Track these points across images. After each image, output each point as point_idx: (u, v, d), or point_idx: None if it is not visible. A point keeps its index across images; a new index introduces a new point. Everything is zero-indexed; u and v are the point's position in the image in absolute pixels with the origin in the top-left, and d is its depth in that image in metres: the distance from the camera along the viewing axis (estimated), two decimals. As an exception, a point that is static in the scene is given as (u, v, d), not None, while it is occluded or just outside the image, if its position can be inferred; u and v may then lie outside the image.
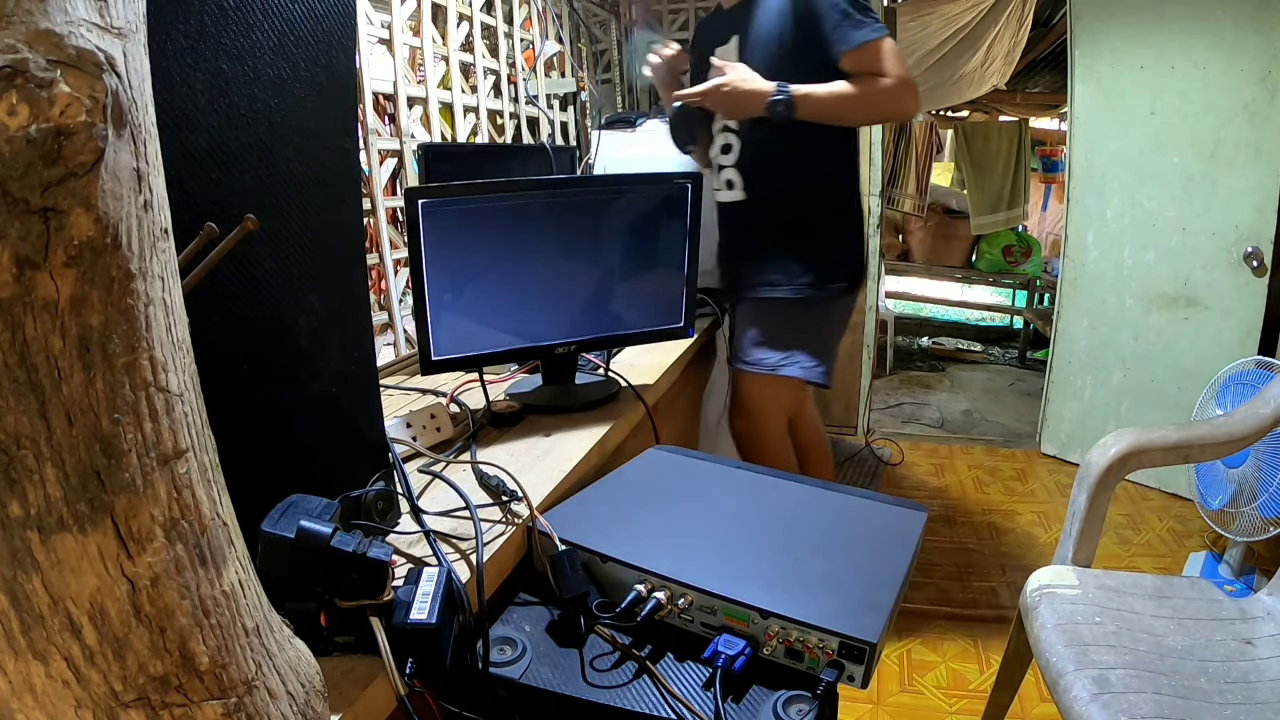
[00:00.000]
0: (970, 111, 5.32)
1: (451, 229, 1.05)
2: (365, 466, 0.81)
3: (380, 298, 1.61)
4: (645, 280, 1.27)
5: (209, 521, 0.43)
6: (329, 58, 0.70)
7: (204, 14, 0.58)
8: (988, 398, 3.55)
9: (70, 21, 0.34)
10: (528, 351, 1.21)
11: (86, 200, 0.35)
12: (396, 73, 1.62)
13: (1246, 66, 2.22)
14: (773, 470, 1.02)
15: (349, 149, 0.75)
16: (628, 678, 0.69)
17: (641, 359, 1.47)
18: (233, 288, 0.62)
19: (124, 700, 0.40)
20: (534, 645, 0.73)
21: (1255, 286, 2.29)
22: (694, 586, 0.72)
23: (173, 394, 0.40)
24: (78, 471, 0.36)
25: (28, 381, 0.35)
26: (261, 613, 0.47)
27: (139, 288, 0.38)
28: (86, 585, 0.38)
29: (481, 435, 1.11)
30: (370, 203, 1.53)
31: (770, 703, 0.65)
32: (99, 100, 0.34)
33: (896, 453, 3.02)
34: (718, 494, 0.96)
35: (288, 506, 0.61)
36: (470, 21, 1.94)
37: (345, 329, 0.75)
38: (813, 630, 0.66)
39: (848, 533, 0.85)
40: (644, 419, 1.25)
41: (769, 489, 0.95)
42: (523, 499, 0.85)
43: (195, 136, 0.58)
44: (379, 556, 0.60)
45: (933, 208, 4.52)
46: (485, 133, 2.01)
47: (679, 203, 1.24)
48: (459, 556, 0.77)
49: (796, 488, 0.97)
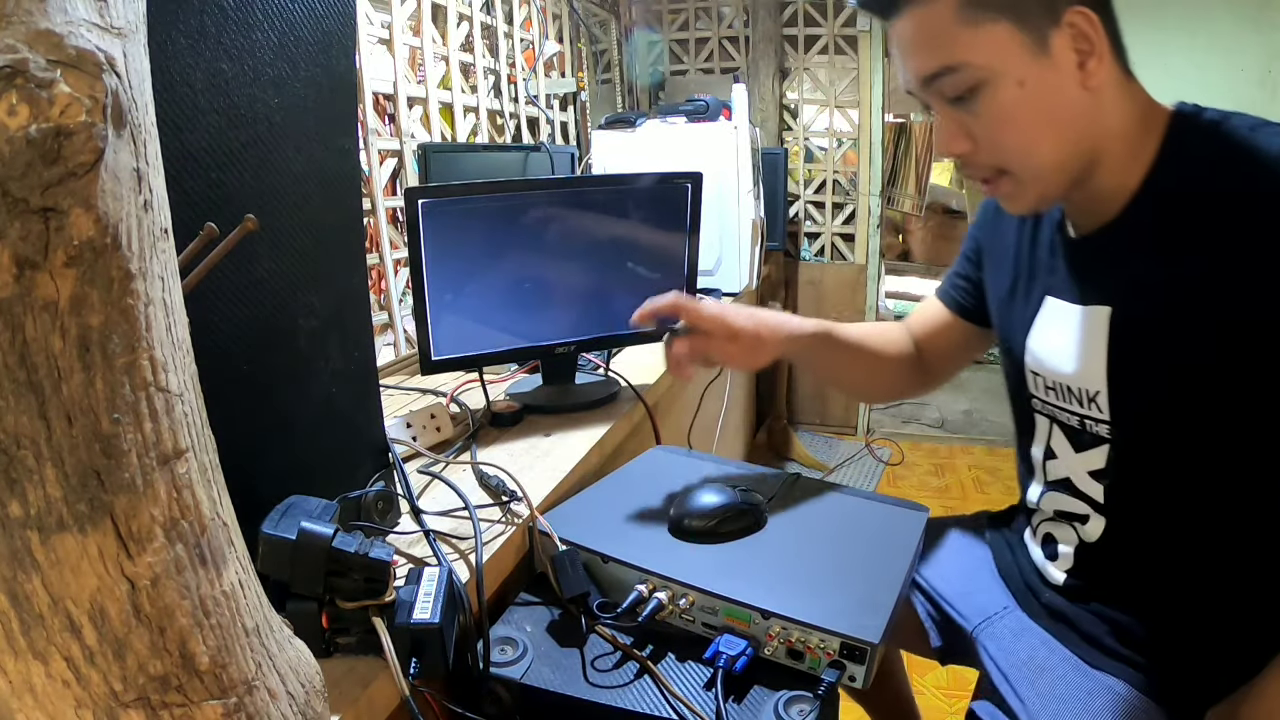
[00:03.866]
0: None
1: (451, 229, 1.05)
2: (365, 467, 0.81)
3: (380, 298, 1.61)
4: (645, 280, 1.27)
5: (209, 521, 0.43)
6: (329, 58, 0.70)
7: (204, 14, 0.58)
8: (988, 398, 3.55)
9: (70, 21, 0.34)
10: (528, 351, 1.21)
11: (86, 200, 0.35)
12: (396, 73, 1.62)
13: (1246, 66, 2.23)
14: (772, 470, 1.02)
15: (349, 149, 0.75)
16: (629, 678, 0.69)
17: (641, 359, 1.47)
18: (233, 288, 0.62)
19: (124, 700, 0.40)
20: (535, 645, 0.73)
21: (1255, 286, 2.30)
22: (695, 587, 0.72)
23: (173, 394, 0.40)
24: (78, 471, 0.36)
25: (28, 381, 0.35)
26: (261, 613, 0.47)
27: (139, 288, 0.38)
28: (86, 585, 0.38)
29: (481, 435, 1.11)
30: (370, 203, 1.53)
31: (771, 703, 0.65)
32: (99, 100, 0.34)
33: (896, 453, 3.02)
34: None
35: (288, 508, 0.61)
36: (470, 21, 1.94)
37: (345, 329, 0.75)
38: (814, 630, 0.66)
39: (848, 533, 0.85)
40: (644, 419, 1.25)
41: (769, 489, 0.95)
42: (523, 499, 0.85)
43: (195, 136, 0.58)
44: (381, 557, 0.60)
45: (932, 208, 4.52)
46: (485, 133, 2.01)
47: (679, 203, 1.24)
48: (459, 557, 0.77)
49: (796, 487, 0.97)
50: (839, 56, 3.06)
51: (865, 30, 2.97)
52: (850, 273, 3.20)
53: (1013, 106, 0.67)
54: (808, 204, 3.23)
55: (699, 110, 2.21)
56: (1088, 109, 0.68)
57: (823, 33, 3.05)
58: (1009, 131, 0.69)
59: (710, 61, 3.18)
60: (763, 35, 3.02)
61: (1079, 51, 0.66)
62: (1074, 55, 0.66)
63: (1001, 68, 0.66)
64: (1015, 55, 0.66)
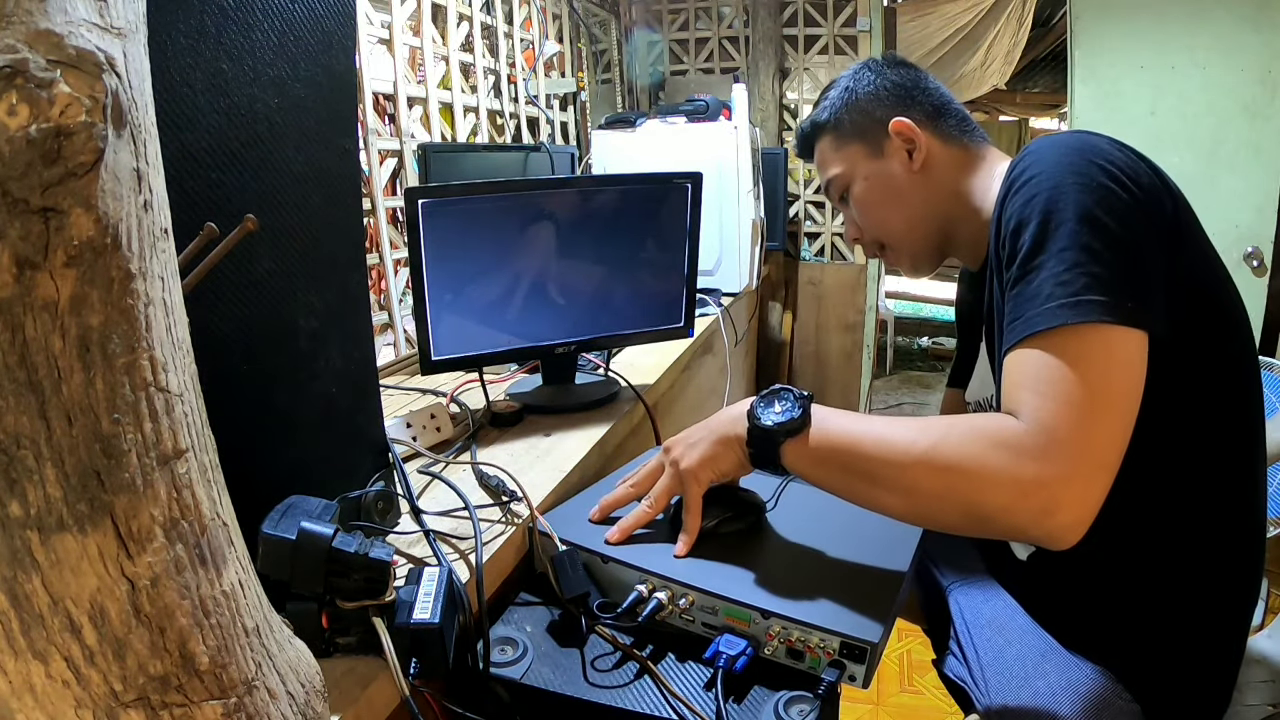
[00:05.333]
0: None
1: (452, 229, 1.05)
2: (365, 467, 0.81)
3: (380, 298, 1.61)
4: (645, 280, 1.27)
5: (209, 521, 0.43)
6: (329, 58, 0.70)
7: (204, 14, 0.58)
8: (988, 398, 3.54)
9: (70, 21, 0.34)
10: (528, 351, 1.21)
11: (86, 200, 0.35)
12: (396, 73, 1.62)
13: (1246, 66, 2.23)
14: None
15: (349, 149, 0.75)
16: (629, 678, 0.69)
17: (641, 359, 1.47)
18: (233, 288, 0.62)
19: (124, 700, 0.40)
20: (535, 645, 0.73)
21: (1255, 286, 2.30)
22: (695, 586, 0.72)
23: (173, 394, 0.40)
24: (78, 471, 0.36)
25: (28, 381, 0.35)
26: (261, 613, 0.47)
27: (139, 288, 0.38)
28: (86, 585, 0.38)
29: (481, 435, 1.11)
30: (370, 203, 1.53)
31: (771, 703, 0.65)
32: (99, 100, 0.34)
33: (897, 453, 3.02)
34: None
35: (287, 508, 0.61)
36: (470, 21, 1.94)
37: (345, 329, 0.75)
38: (814, 630, 0.66)
39: (848, 532, 0.84)
40: (644, 419, 1.25)
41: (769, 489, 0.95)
42: (523, 499, 0.85)
43: (195, 136, 0.58)
44: (381, 557, 0.60)
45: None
46: (485, 133, 2.01)
47: (679, 203, 1.24)
48: (459, 557, 0.77)
49: (796, 487, 0.97)
50: (839, 56, 3.06)
51: (865, 30, 2.97)
52: (850, 273, 3.20)
53: (865, 195, 0.94)
54: (808, 204, 3.23)
55: (699, 110, 2.21)
56: (920, 185, 0.91)
57: (823, 33, 3.05)
58: (867, 213, 0.95)
59: (710, 61, 3.18)
60: (763, 35, 3.02)
61: (908, 150, 0.90)
62: (903, 152, 0.90)
63: (852, 172, 0.94)
64: (860, 162, 0.94)
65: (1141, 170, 0.69)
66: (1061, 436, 0.60)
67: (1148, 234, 0.66)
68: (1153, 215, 0.67)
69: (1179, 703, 0.77)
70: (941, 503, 0.65)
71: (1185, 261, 0.69)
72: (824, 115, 0.96)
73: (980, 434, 0.63)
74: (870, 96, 0.93)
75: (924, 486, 0.65)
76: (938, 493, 0.65)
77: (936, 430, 0.66)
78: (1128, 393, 0.63)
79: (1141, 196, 0.67)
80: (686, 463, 0.78)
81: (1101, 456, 0.61)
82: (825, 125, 0.96)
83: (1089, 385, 0.61)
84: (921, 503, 0.67)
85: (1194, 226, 0.72)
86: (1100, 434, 0.61)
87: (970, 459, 0.63)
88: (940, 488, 0.64)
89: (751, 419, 0.76)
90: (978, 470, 0.62)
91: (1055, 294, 0.63)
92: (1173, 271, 0.67)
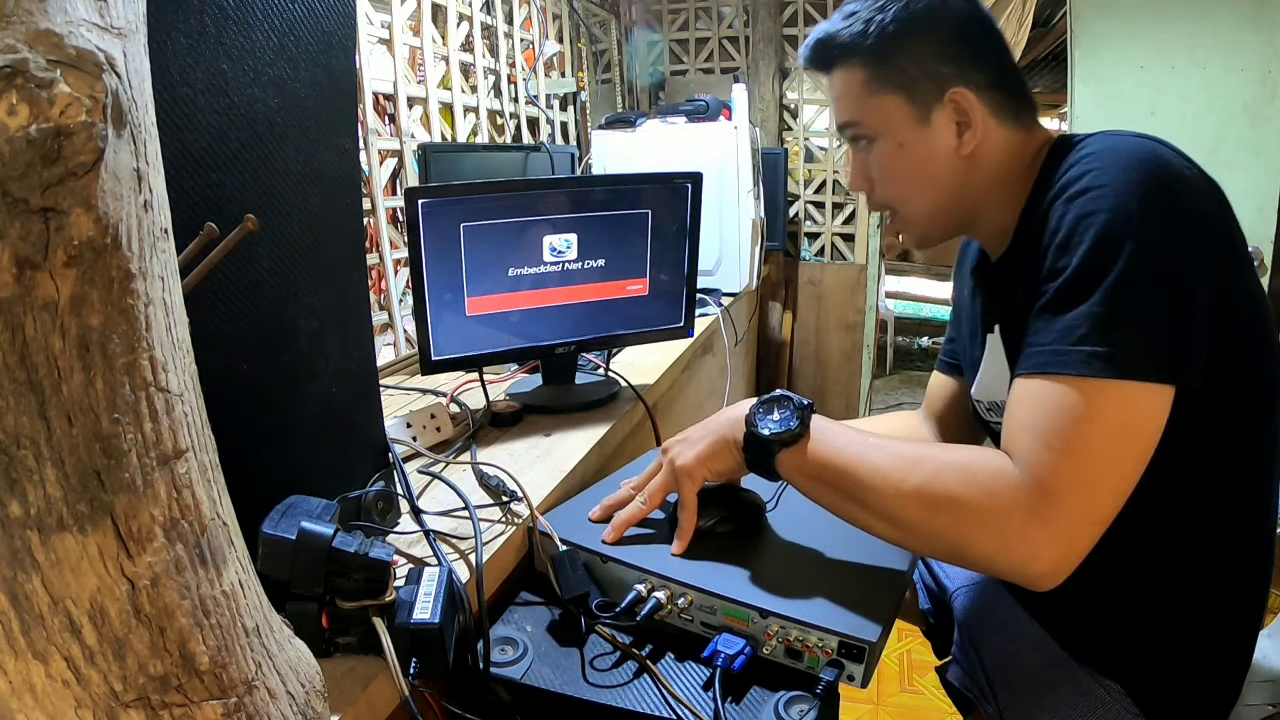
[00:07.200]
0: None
1: (452, 229, 1.05)
2: (365, 466, 0.81)
3: (380, 298, 1.61)
4: (645, 280, 1.27)
5: (209, 521, 0.43)
6: (329, 58, 0.70)
7: (204, 14, 0.58)
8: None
9: (70, 21, 0.34)
10: (528, 351, 1.21)
11: (86, 200, 0.35)
12: (396, 73, 1.62)
13: (1246, 66, 2.23)
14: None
15: (349, 149, 0.75)
16: (628, 677, 0.69)
17: (641, 359, 1.47)
18: (233, 288, 0.62)
19: (124, 700, 0.40)
20: (535, 645, 0.73)
21: (1255, 286, 2.30)
22: (694, 586, 0.72)
23: (173, 394, 0.40)
24: (78, 471, 0.36)
25: (28, 381, 0.35)
26: (261, 613, 0.47)
27: (139, 288, 0.38)
28: (86, 585, 0.38)
29: (481, 435, 1.11)
30: (370, 203, 1.53)
31: (771, 703, 0.65)
32: (99, 100, 0.34)
33: (896, 453, 3.02)
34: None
35: (287, 508, 0.61)
36: (470, 21, 1.94)
37: (345, 329, 0.75)
38: (812, 629, 0.66)
39: (847, 532, 0.84)
40: (644, 419, 1.25)
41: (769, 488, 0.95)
42: (523, 499, 0.85)
43: (195, 136, 0.58)
44: (381, 557, 0.60)
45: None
46: (485, 133, 2.01)
47: (679, 203, 1.24)
48: (459, 557, 0.77)
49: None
50: (839, 56, 3.05)
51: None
52: (850, 273, 3.20)
53: (893, 162, 0.79)
54: (808, 204, 3.23)
55: (699, 110, 2.21)
56: (961, 171, 0.77)
57: (823, 33, 3.05)
58: (890, 182, 0.80)
59: (710, 61, 3.18)
60: (763, 35, 3.02)
61: (959, 124, 0.75)
62: (954, 127, 0.75)
63: (886, 130, 0.77)
64: (899, 122, 0.77)
65: (1206, 191, 0.65)
66: (1057, 495, 0.59)
67: (1204, 269, 0.62)
68: (1212, 248, 0.63)
69: (1184, 717, 0.76)
70: (927, 538, 0.66)
71: (1238, 286, 0.66)
72: (865, 37, 0.75)
73: (972, 479, 0.63)
74: (932, 37, 0.74)
75: (911, 520, 0.66)
76: (924, 529, 0.66)
77: (930, 466, 0.66)
78: (1138, 454, 0.61)
79: (1206, 227, 0.63)
80: (682, 460, 0.79)
81: (1095, 514, 0.60)
82: (862, 51, 0.76)
83: (1098, 444, 0.59)
84: (907, 534, 0.68)
85: (1244, 248, 0.68)
86: (1098, 494, 0.60)
87: (959, 503, 0.63)
88: (927, 524, 0.65)
89: (749, 425, 0.75)
90: (966, 515, 0.63)
91: (1089, 338, 0.60)
92: (1222, 299, 0.64)
